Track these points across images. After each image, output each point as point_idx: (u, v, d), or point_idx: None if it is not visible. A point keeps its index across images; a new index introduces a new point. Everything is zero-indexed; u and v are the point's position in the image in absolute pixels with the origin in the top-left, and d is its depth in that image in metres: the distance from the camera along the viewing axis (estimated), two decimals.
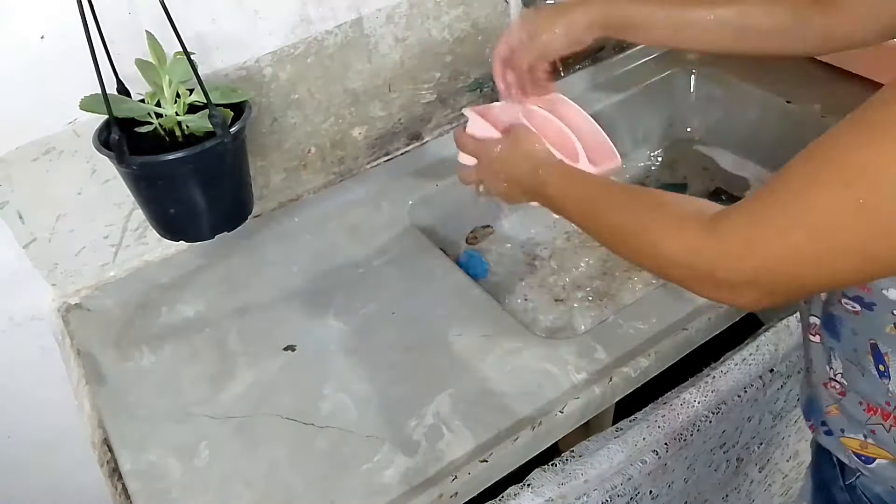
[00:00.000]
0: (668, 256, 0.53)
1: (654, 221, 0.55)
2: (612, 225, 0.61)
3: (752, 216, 0.48)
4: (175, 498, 0.68)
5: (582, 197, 0.65)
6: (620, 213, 0.60)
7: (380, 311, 0.83)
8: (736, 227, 0.49)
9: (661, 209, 0.56)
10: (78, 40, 0.63)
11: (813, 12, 0.70)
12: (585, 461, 0.72)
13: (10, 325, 0.89)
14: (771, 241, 0.47)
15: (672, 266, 0.54)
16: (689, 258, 0.52)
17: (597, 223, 0.63)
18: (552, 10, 0.79)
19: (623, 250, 0.61)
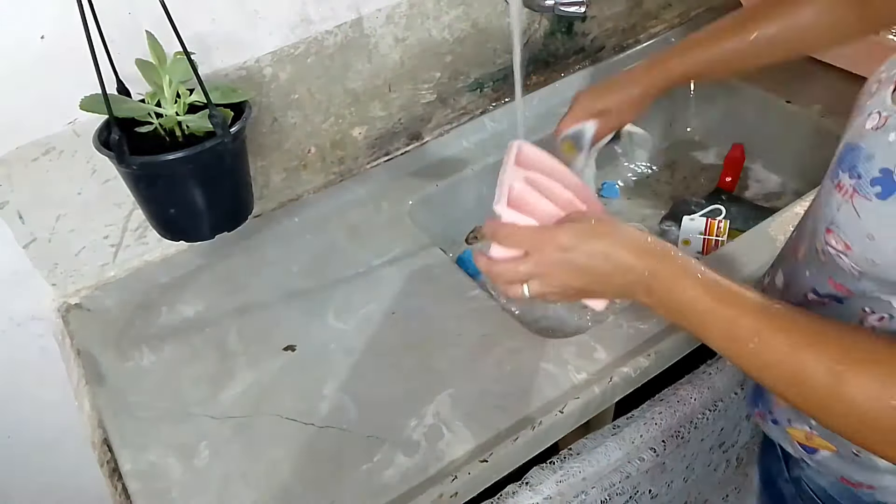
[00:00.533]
0: (873, 419, 0.46)
1: (848, 374, 0.47)
2: (782, 363, 0.51)
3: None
4: (175, 498, 0.68)
5: (730, 315, 0.54)
6: (797, 351, 0.50)
7: (380, 311, 0.83)
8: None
9: (856, 357, 0.48)
10: (78, 40, 0.63)
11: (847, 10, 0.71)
12: (583, 459, 0.72)
13: (10, 325, 0.89)
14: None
15: (871, 430, 0.47)
16: None
17: (752, 353, 0.53)
18: (615, 88, 0.83)
19: (794, 396, 0.51)
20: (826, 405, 0.49)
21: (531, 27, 1.08)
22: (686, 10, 1.25)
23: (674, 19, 1.24)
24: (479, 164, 1.04)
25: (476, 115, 1.10)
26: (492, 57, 1.06)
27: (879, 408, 0.46)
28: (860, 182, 0.49)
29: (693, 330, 0.57)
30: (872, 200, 0.48)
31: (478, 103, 1.10)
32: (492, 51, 1.06)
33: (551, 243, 0.61)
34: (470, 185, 1.04)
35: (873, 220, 0.49)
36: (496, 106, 1.11)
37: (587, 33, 1.15)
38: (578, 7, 0.96)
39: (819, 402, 0.50)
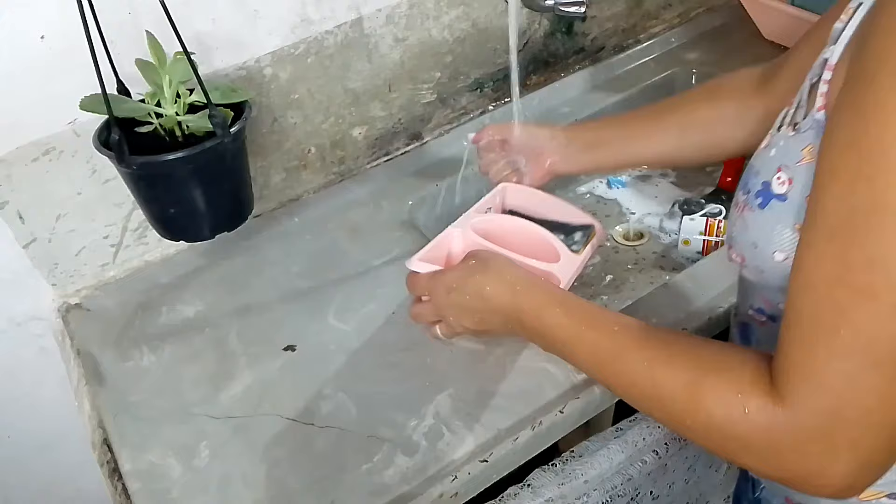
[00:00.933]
0: (731, 429, 0.47)
1: (703, 386, 0.49)
2: (641, 381, 0.53)
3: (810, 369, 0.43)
4: (175, 498, 0.68)
5: (592, 338, 0.57)
6: (654, 367, 0.52)
7: (380, 311, 0.83)
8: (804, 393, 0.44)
9: (709, 368, 0.50)
10: (78, 40, 0.63)
11: (756, 101, 0.74)
12: (585, 461, 0.72)
13: (10, 325, 0.89)
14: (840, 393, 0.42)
15: (729, 439, 0.47)
16: (754, 431, 0.46)
17: (615, 373, 0.55)
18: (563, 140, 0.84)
19: (657, 412, 0.53)
20: (686, 420, 0.50)
21: (531, 27, 1.08)
22: (686, 10, 1.25)
23: (674, 19, 1.24)
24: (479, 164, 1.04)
25: (476, 115, 1.10)
26: (492, 57, 1.06)
27: (735, 417, 0.46)
28: (749, 196, 0.53)
29: (564, 357, 0.61)
30: (755, 211, 0.52)
31: (478, 103, 1.10)
32: (492, 51, 1.06)
33: (441, 286, 0.67)
34: (470, 185, 1.04)
35: (756, 229, 0.52)
36: (496, 106, 1.11)
37: (587, 33, 1.15)
38: (578, 7, 0.96)
39: (680, 418, 0.50)
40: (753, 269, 0.54)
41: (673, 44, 1.21)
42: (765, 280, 0.54)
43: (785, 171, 0.49)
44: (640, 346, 0.54)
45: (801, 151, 0.48)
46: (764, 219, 0.51)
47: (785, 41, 1.15)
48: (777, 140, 0.52)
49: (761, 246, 0.51)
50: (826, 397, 0.43)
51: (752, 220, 0.52)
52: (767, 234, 0.50)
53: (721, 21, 1.24)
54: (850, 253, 0.41)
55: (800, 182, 0.48)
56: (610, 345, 0.56)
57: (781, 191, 0.49)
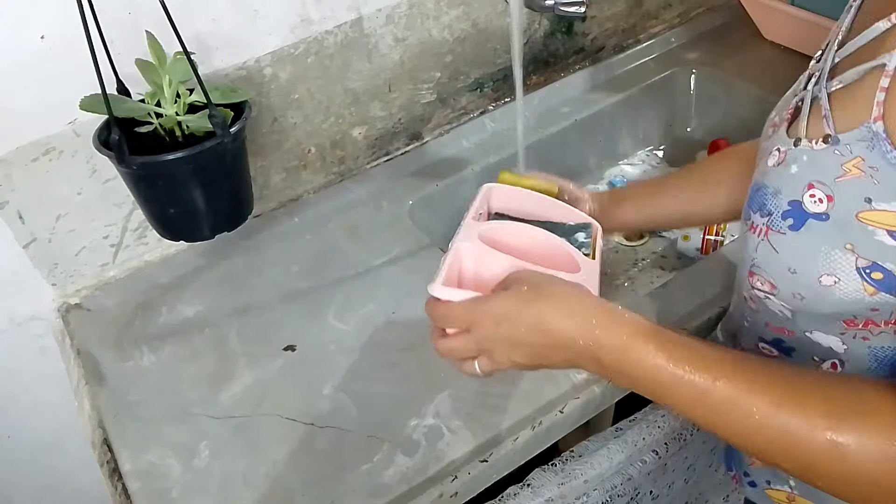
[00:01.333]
0: (878, 478, 0.42)
1: (844, 431, 0.43)
2: (766, 429, 0.45)
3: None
4: (175, 498, 0.68)
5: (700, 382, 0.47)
6: (781, 413, 0.45)
7: (380, 311, 0.83)
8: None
9: (847, 411, 0.44)
10: (78, 40, 0.63)
11: None
12: (585, 461, 0.72)
13: (10, 325, 0.89)
14: None
15: (878, 486, 0.43)
16: None
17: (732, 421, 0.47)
18: None
19: (787, 462, 0.46)
20: (828, 469, 0.44)
21: (531, 27, 1.08)
22: (686, 10, 1.25)
23: (674, 19, 1.24)
24: (479, 164, 1.04)
25: (476, 115, 1.10)
26: (492, 57, 1.06)
27: (886, 463, 0.42)
28: (772, 219, 0.49)
29: (658, 399, 0.51)
30: (787, 234, 0.48)
31: (478, 103, 1.10)
32: (492, 51, 1.06)
33: (488, 317, 0.55)
34: (470, 185, 1.04)
35: (791, 253, 0.48)
36: (496, 106, 1.11)
37: (587, 33, 1.15)
38: (578, 7, 0.96)
39: (819, 467, 0.45)
40: (789, 296, 0.49)
41: (673, 44, 1.21)
42: (804, 307, 0.49)
43: (820, 189, 0.46)
44: (762, 389, 0.46)
45: (843, 166, 0.44)
46: (801, 241, 0.47)
47: (785, 41, 1.15)
48: (798, 156, 0.48)
49: (802, 271, 0.47)
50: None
51: (784, 243, 0.48)
52: (810, 257, 0.47)
53: (721, 21, 1.24)
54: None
55: (844, 199, 0.44)
56: (724, 388, 0.47)
57: (819, 209, 0.46)
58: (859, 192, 0.43)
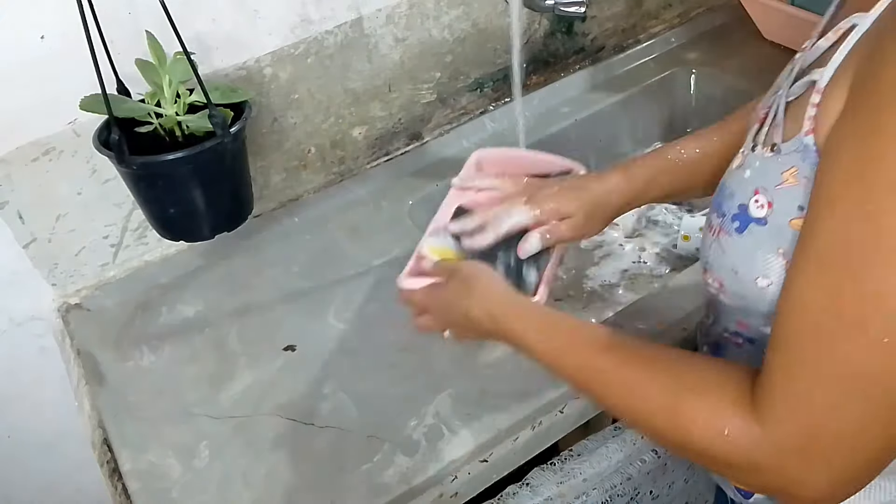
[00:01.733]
0: (708, 450, 0.47)
1: (682, 407, 0.48)
2: (623, 402, 0.53)
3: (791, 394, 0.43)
4: (175, 498, 0.68)
5: (574, 364, 0.56)
6: (635, 389, 0.52)
7: (380, 311, 0.83)
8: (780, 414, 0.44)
9: (689, 388, 0.49)
10: (78, 40, 0.63)
11: None
12: (584, 460, 0.72)
13: (10, 325, 0.89)
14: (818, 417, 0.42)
15: (709, 458, 0.48)
16: (735, 451, 0.46)
17: (600, 396, 0.54)
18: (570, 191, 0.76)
19: (641, 429, 0.54)
20: (667, 438, 0.50)
21: (531, 27, 1.08)
22: (686, 10, 1.25)
23: (674, 19, 1.24)
24: None
25: (476, 115, 1.09)
26: (492, 57, 1.06)
27: (715, 438, 0.46)
28: (724, 219, 0.51)
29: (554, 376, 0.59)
30: (732, 236, 0.50)
31: (478, 103, 1.10)
32: (492, 51, 1.06)
33: (436, 303, 0.67)
34: None
35: (735, 254, 0.50)
36: (496, 106, 1.11)
37: (587, 33, 1.15)
38: (578, 7, 0.96)
39: (661, 436, 0.50)
40: (733, 294, 0.53)
41: (673, 44, 1.21)
42: (746, 305, 0.52)
43: (763, 194, 0.48)
44: (622, 365, 0.53)
45: (782, 174, 0.47)
46: (743, 244, 0.49)
47: (785, 41, 1.15)
48: (752, 161, 0.50)
49: (742, 272, 0.50)
50: (805, 420, 0.43)
51: (730, 244, 0.51)
52: (748, 259, 0.49)
53: (721, 21, 1.24)
54: (843, 285, 0.40)
55: (781, 205, 0.47)
56: (591, 370, 0.55)
57: (760, 214, 0.48)
58: (793, 200, 0.46)
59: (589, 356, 0.55)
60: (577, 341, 0.57)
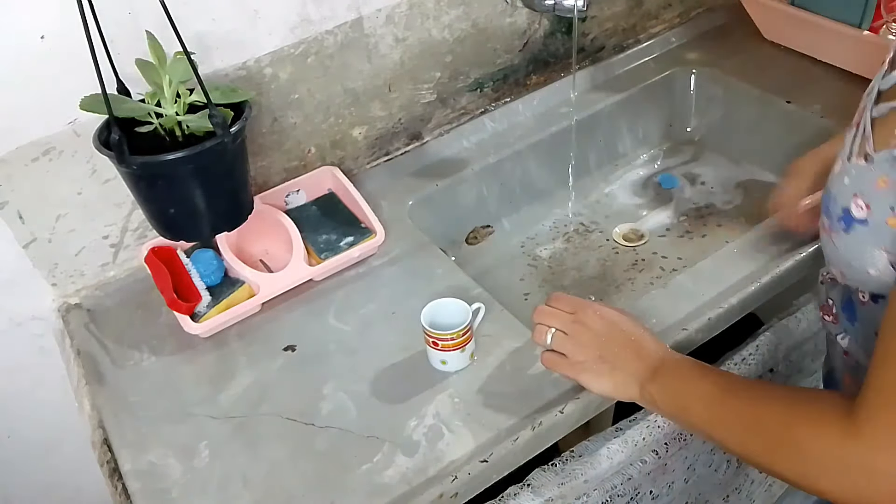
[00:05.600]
0: (815, 457, 0.53)
1: (796, 418, 0.55)
2: (745, 420, 0.59)
3: None
4: (175, 498, 0.68)
5: (709, 387, 0.63)
6: (757, 406, 0.59)
7: (380, 311, 0.83)
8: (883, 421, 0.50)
9: (803, 404, 0.56)
10: (78, 40, 0.63)
11: None
12: (585, 461, 0.72)
13: (10, 325, 0.89)
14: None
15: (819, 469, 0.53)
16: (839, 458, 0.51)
17: (725, 416, 0.61)
18: None
19: (756, 449, 0.58)
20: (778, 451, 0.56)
21: (531, 27, 1.08)
22: (686, 10, 1.25)
23: (674, 19, 1.24)
24: (479, 164, 1.04)
25: (476, 115, 1.09)
26: (492, 57, 1.06)
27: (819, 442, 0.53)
28: (832, 220, 0.58)
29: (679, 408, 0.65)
30: (841, 235, 0.57)
31: (478, 103, 1.10)
32: (492, 51, 1.06)
33: (593, 311, 0.70)
34: (470, 185, 1.04)
35: (847, 250, 0.57)
36: (496, 106, 1.11)
37: (587, 33, 1.15)
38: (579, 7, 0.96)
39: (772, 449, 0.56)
40: (854, 281, 0.60)
41: (673, 44, 1.21)
42: (867, 288, 0.60)
43: (861, 198, 0.54)
44: (750, 393, 0.61)
45: (876, 181, 0.53)
46: (851, 241, 0.56)
47: (785, 41, 1.15)
48: (849, 168, 0.56)
49: (855, 265, 0.57)
50: (891, 410, 0.48)
51: (841, 243, 0.57)
52: (858, 255, 0.56)
53: (721, 21, 1.24)
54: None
55: (877, 207, 0.53)
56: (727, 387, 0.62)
57: (861, 216, 0.54)
58: (886, 202, 0.52)
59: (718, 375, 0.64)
60: (711, 369, 0.66)
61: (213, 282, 0.84)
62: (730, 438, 0.60)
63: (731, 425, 0.60)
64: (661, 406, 0.65)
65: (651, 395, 0.65)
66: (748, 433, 0.59)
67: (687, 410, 0.63)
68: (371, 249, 0.88)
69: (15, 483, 1.04)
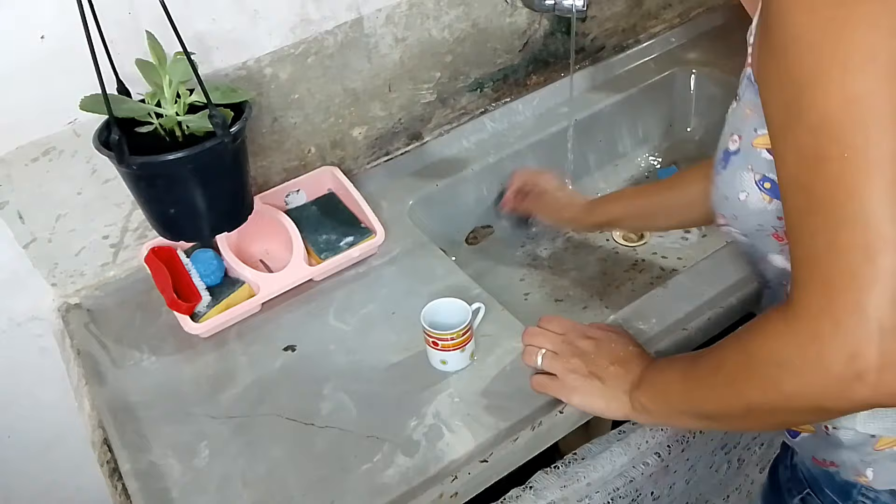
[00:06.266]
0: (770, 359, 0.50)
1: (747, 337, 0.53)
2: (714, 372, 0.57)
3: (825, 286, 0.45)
4: (175, 498, 0.68)
5: (680, 365, 0.62)
6: (720, 355, 0.57)
7: (380, 311, 0.83)
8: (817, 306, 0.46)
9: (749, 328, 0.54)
10: (78, 40, 0.63)
11: None
12: (588, 464, 0.72)
13: (10, 325, 0.89)
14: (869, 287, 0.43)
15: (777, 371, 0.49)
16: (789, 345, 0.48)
17: (700, 381, 0.59)
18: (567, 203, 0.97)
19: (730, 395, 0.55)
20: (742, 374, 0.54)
21: (531, 27, 1.08)
22: (686, 10, 1.25)
23: (674, 19, 1.24)
24: (479, 164, 1.04)
25: (476, 115, 1.09)
26: (492, 57, 1.06)
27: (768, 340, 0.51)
28: (716, 168, 0.61)
29: (664, 397, 0.64)
30: (720, 173, 0.60)
31: (478, 103, 1.10)
32: (492, 51, 1.06)
33: (580, 332, 0.73)
34: (470, 185, 1.04)
35: (723, 185, 0.60)
36: (496, 106, 1.11)
37: (587, 33, 1.15)
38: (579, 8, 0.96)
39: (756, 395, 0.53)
40: (731, 218, 0.60)
41: (673, 44, 1.21)
42: (740, 227, 0.60)
43: (735, 133, 0.57)
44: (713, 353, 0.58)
45: (744, 112, 0.56)
46: (728, 175, 0.58)
47: None
48: (727, 117, 0.60)
49: (730, 196, 0.59)
50: (816, 272, 0.46)
51: (720, 180, 0.60)
52: (731, 185, 0.58)
53: (721, 21, 1.24)
54: (798, 137, 0.46)
55: (745, 135, 0.56)
56: (694, 362, 0.61)
57: (734, 148, 0.58)
58: (751, 125, 0.55)
59: (684, 358, 0.63)
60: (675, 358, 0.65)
61: (213, 282, 0.84)
62: (708, 400, 0.58)
63: (703, 385, 0.58)
64: (650, 408, 0.64)
65: (640, 402, 0.65)
66: (717, 382, 0.56)
67: (670, 398, 0.62)
68: (371, 249, 0.88)
69: (15, 482, 1.04)
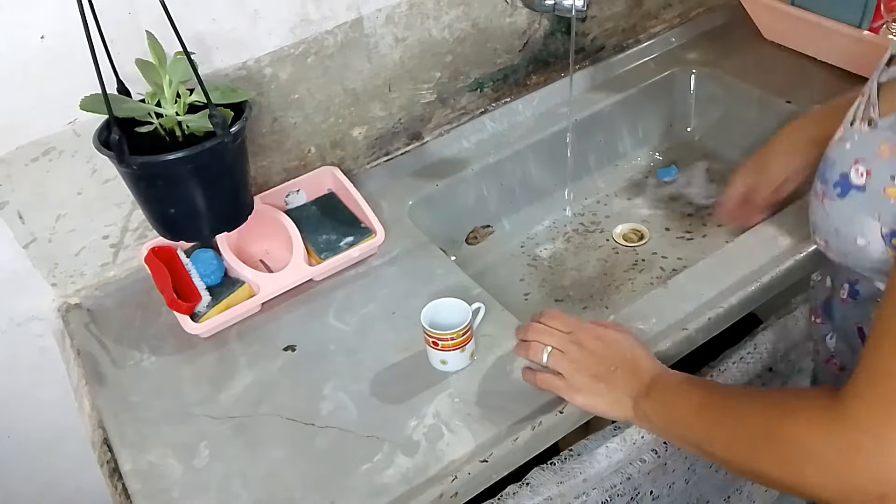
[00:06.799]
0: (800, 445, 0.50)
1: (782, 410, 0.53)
2: (732, 419, 0.57)
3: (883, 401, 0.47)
4: (175, 498, 0.68)
5: (698, 393, 0.61)
6: (743, 406, 0.57)
7: (380, 311, 0.83)
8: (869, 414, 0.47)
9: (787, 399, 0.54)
10: (78, 40, 0.63)
11: None
12: (584, 460, 0.72)
13: (10, 325, 0.89)
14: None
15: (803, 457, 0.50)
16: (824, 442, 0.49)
17: (713, 418, 0.59)
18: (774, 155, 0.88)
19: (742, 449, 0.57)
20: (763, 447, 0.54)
21: (531, 27, 1.08)
22: (686, 10, 1.25)
23: (674, 19, 1.24)
24: (479, 164, 1.04)
25: (476, 115, 1.09)
26: (492, 57, 1.06)
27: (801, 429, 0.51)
28: (827, 186, 0.58)
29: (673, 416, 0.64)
30: (835, 200, 0.56)
31: (478, 103, 1.10)
32: (492, 51, 1.06)
33: (590, 331, 0.71)
34: (470, 185, 1.04)
35: (836, 217, 0.57)
36: (496, 106, 1.11)
37: (587, 33, 1.15)
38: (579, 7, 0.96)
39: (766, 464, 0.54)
40: (837, 252, 0.58)
41: (673, 44, 1.21)
42: (848, 262, 0.58)
43: (862, 164, 0.53)
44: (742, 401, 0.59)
45: (880, 146, 0.52)
46: (844, 208, 0.55)
47: (785, 41, 1.15)
48: (851, 134, 0.56)
49: (843, 233, 0.56)
50: (881, 387, 0.46)
51: (833, 208, 0.56)
52: (848, 221, 0.55)
53: (721, 21, 1.24)
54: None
55: (877, 174, 0.52)
56: (719, 397, 0.61)
57: (860, 182, 0.54)
58: (888, 170, 0.51)
59: (710, 387, 0.63)
60: (702, 381, 0.65)
61: (213, 282, 0.84)
62: (717, 443, 0.58)
63: (718, 428, 0.58)
64: (653, 420, 0.64)
65: (644, 411, 0.65)
66: (734, 433, 0.57)
67: (677, 421, 0.62)
68: (371, 249, 0.88)
69: (15, 482, 1.04)
